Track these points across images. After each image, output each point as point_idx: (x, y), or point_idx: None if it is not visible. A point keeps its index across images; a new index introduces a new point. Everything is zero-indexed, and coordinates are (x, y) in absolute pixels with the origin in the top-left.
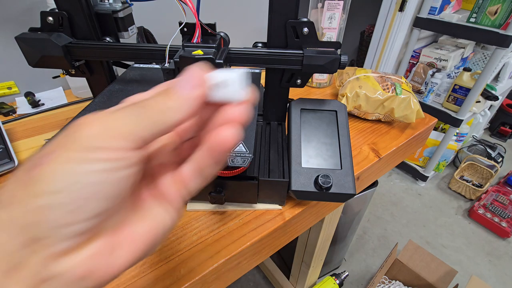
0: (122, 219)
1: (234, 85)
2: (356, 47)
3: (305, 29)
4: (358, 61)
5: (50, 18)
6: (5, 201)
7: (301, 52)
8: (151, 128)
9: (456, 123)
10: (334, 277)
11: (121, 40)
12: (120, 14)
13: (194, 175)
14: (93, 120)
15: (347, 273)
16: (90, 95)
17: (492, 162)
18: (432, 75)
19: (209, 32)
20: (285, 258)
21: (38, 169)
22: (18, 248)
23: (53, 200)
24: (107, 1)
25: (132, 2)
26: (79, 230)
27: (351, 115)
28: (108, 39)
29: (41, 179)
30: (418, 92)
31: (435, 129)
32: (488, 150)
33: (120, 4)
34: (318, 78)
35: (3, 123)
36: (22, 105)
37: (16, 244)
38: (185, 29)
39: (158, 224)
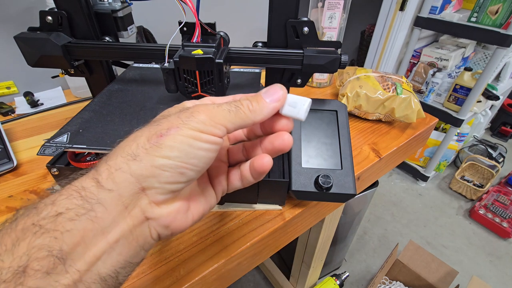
0: (192, 191)
1: (301, 108)
2: (357, 47)
3: (305, 29)
4: (359, 60)
5: (49, 18)
6: (134, 155)
7: (301, 51)
8: (238, 122)
9: (457, 123)
10: (334, 278)
11: (121, 40)
12: (120, 14)
13: (238, 179)
14: (204, 109)
15: (347, 273)
16: (90, 95)
17: (493, 162)
18: (433, 75)
19: (209, 31)
20: (285, 258)
21: (164, 137)
22: (133, 193)
23: (170, 163)
24: (106, 0)
25: (131, 2)
26: (176, 188)
27: (351, 115)
28: (107, 38)
29: (165, 145)
30: (418, 92)
31: (436, 129)
32: (489, 150)
33: (120, 4)
34: (318, 77)
35: (2, 123)
36: (21, 105)
37: (132, 189)
38: (185, 29)
39: (209, 204)
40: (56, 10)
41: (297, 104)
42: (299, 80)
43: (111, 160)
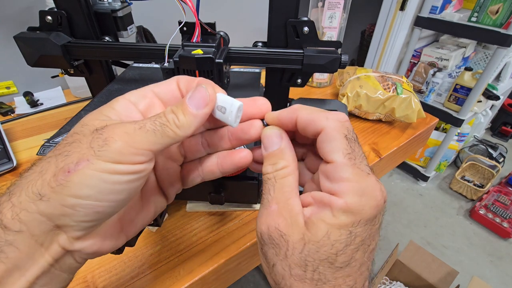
0: (123, 213)
1: (230, 113)
2: (357, 47)
3: (306, 29)
4: (359, 60)
5: (49, 17)
6: (39, 194)
7: (302, 51)
8: (167, 142)
9: (457, 123)
10: None
11: (120, 40)
12: (119, 13)
13: (197, 175)
14: (121, 134)
15: None
16: (89, 94)
17: (494, 162)
18: (433, 75)
19: (208, 31)
20: None
21: (72, 173)
22: (46, 231)
23: (81, 202)
24: (106, 0)
25: (131, 1)
26: (95, 224)
27: (351, 115)
28: (107, 38)
29: (73, 182)
30: (419, 91)
31: (436, 129)
32: (490, 150)
33: (119, 3)
34: (319, 77)
35: (2, 123)
36: (21, 105)
37: (44, 228)
38: (185, 28)
39: (155, 212)
40: (55, 10)
41: (226, 107)
42: (299, 80)
43: (15, 197)
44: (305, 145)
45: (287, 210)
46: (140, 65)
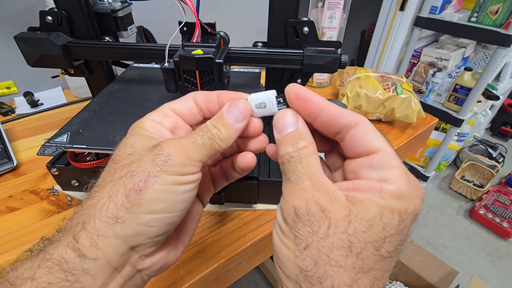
0: (185, 220)
1: (271, 104)
2: (357, 47)
3: (306, 29)
4: (359, 60)
5: (49, 18)
6: (115, 217)
7: (301, 51)
8: (212, 153)
9: (457, 123)
10: None
11: (121, 40)
12: (120, 14)
13: (223, 179)
14: (180, 148)
15: None
16: (89, 94)
17: (493, 162)
18: (433, 75)
19: (209, 31)
20: None
21: (143, 192)
22: (122, 254)
23: (156, 217)
24: (106, 0)
25: (131, 2)
26: (165, 237)
27: None
28: (107, 38)
29: (146, 199)
30: (419, 91)
31: (436, 129)
32: (489, 150)
33: (120, 3)
34: (319, 77)
35: (2, 123)
36: (21, 105)
37: (120, 252)
38: (185, 29)
39: (198, 218)
40: (56, 10)
41: (265, 102)
42: (299, 80)
43: (89, 225)
44: (328, 142)
45: (322, 187)
46: (140, 65)
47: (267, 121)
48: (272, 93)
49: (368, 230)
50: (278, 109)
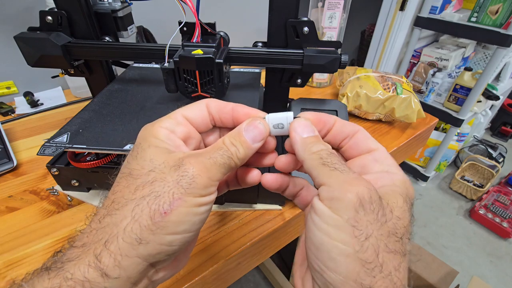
0: None
1: (287, 125)
2: (357, 47)
3: (305, 29)
4: (359, 60)
5: (49, 18)
6: (139, 238)
7: (301, 51)
8: (228, 172)
9: (457, 123)
10: None
11: (121, 40)
12: (120, 14)
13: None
14: (202, 168)
15: None
16: (89, 94)
17: (493, 162)
18: (433, 75)
19: (209, 31)
20: (285, 258)
21: (168, 214)
22: (142, 271)
23: (178, 237)
24: (106, 0)
25: (131, 2)
26: (181, 250)
27: (351, 115)
28: (107, 38)
29: (171, 222)
30: (419, 91)
31: (436, 129)
32: (489, 150)
33: (120, 3)
34: (319, 77)
35: (2, 123)
36: (21, 105)
37: (140, 269)
38: (185, 29)
39: (203, 223)
40: (56, 10)
41: (283, 124)
42: (299, 80)
43: (113, 245)
44: None
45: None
46: (140, 65)
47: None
48: (291, 114)
49: (402, 215)
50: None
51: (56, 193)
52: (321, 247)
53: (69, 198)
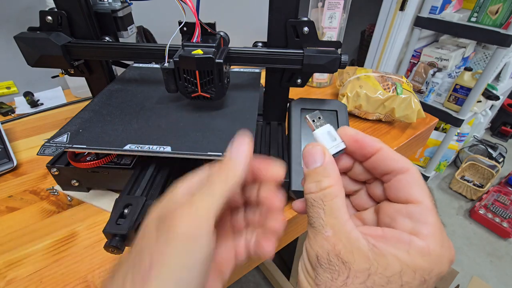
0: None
1: (339, 139)
2: (357, 47)
3: (305, 29)
4: (359, 60)
5: (49, 18)
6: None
7: (301, 51)
8: (224, 202)
9: (457, 123)
10: None
11: (121, 40)
12: (120, 14)
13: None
14: (187, 214)
15: None
16: (89, 94)
17: (493, 162)
18: (433, 75)
19: (209, 31)
20: (285, 258)
21: (153, 270)
22: None
23: None
24: (106, 0)
25: (131, 1)
26: None
27: (351, 115)
28: (107, 38)
29: (156, 277)
30: (419, 91)
31: (436, 129)
32: (489, 150)
33: (120, 3)
34: (319, 77)
35: (2, 123)
36: (21, 105)
37: None
38: (185, 29)
39: None
40: (56, 10)
41: (334, 136)
42: (299, 80)
43: None
44: (356, 182)
45: (345, 237)
46: (140, 65)
47: None
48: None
49: (387, 285)
50: (336, 152)
51: (56, 193)
52: (300, 278)
53: (69, 198)
